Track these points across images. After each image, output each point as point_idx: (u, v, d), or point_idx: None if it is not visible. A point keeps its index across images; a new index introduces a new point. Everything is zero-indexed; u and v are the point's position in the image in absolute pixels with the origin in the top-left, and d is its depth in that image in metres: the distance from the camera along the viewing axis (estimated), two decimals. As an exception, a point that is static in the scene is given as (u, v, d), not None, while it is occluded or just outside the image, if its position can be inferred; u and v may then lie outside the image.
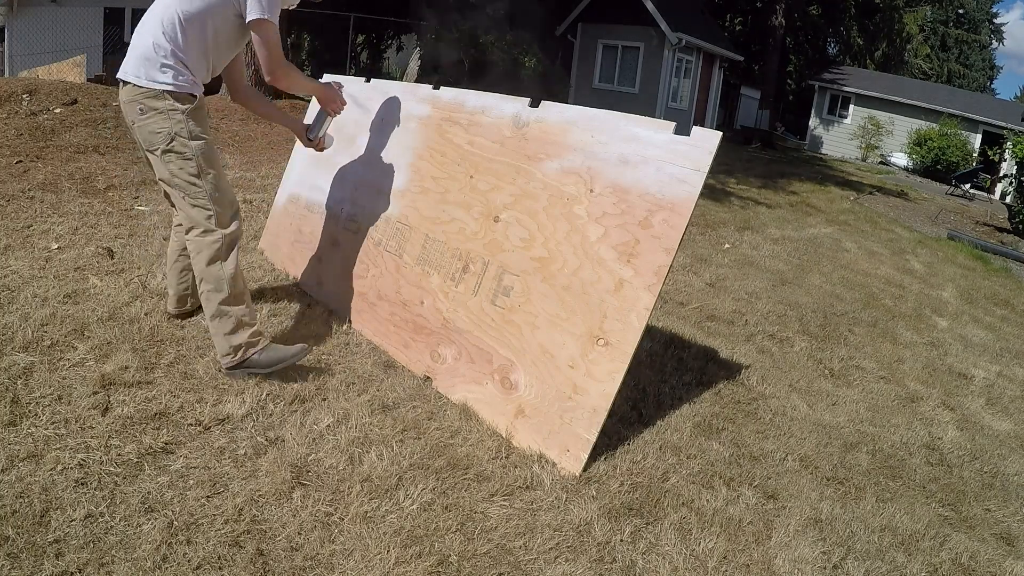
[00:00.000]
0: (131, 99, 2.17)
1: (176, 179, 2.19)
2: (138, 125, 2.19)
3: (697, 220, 6.32)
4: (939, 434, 2.78)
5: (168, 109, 2.14)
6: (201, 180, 2.18)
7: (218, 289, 2.20)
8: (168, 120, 2.14)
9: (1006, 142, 12.92)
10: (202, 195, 2.19)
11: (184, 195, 2.21)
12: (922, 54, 31.65)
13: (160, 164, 2.21)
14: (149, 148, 2.20)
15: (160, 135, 2.15)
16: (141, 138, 2.20)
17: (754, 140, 17.54)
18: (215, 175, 2.23)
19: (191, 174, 2.18)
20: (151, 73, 2.13)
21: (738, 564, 1.72)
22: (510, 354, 2.15)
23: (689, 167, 1.92)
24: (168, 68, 2.13)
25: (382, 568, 1.52)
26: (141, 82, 2.13)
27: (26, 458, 1.69)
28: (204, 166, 2.19)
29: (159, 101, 2.13)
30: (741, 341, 3.40)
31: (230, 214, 2.26)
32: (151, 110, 2.15)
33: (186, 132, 2.16)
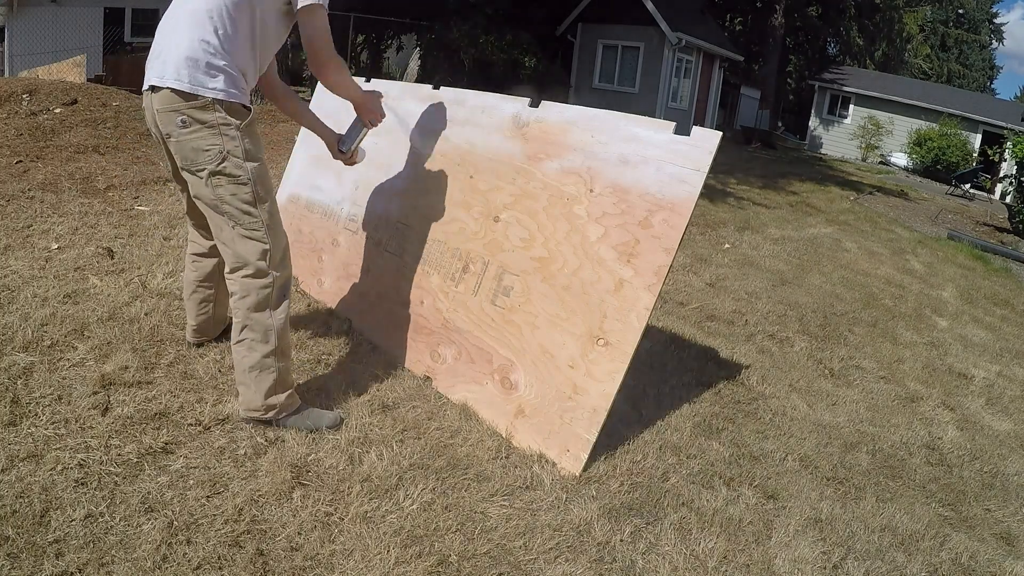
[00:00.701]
0: (169, 107, 1.80)
1: (227, 206, 1.86)
2: (177, 139, 1.83)
3: (697, 220, 6.32)
4: (939, 434, 2.78)
5: (220, 123, 1.80)
6: (258, 209, 1.88)
7: (264, 340, 1.92)
8: (219, 136, 1.81)
9: (1006, 142, 12.92)
10: (258, 226, 1.89)
11: (235, 225, 1.88)
12: (922, 54, 31.67)
13: (204, 186, 1.86)
14: (192, 168, 1.85)
15: (209, 154, 1.82)
16: (180, 155, 1.85)
17: (754, 140, 17.55)
18: (272, 203, 1.93)
19: (245, 201, 1.86)
20: (198, 77, 1.78)
21: (738, 564, 1.72)
22: (510, 354, 2.15)
23: (689, 167, 1.92)
24: (219, 72, 1.79)
25: (382, 568, 1.52)
26: (184, 86, 1.77)
27: (26, 458, 1.69)
28: (262, 193, 1.89)
29: (208, 113, 1.79)
30: (741, 341, 3.40)
31: (283, 252, 1.97)
32: (196, 123, 1.80)
33: (241, 151, 1.84)
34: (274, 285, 1.93)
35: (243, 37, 1.84)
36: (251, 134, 1.88)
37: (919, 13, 27.01)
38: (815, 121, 23.24)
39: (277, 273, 1.94)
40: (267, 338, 1.92)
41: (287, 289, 2.00)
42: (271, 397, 1.94)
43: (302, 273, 3.05)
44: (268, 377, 1.92)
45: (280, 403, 1.95)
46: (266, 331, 1.92)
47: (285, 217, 3.35)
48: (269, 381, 1.92)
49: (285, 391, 1.97)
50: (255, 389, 1.93)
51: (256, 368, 1.92)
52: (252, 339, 1.92)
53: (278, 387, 1.95)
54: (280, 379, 1.95)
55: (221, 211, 1.88)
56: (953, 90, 25.47)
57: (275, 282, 1.93)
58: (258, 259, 1.90)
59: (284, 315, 1.96)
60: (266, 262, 1.91)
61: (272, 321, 1.93)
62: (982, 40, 39.43)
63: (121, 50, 12.68)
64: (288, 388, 1.98)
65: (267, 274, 1.92)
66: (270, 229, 1.92)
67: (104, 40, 12.75)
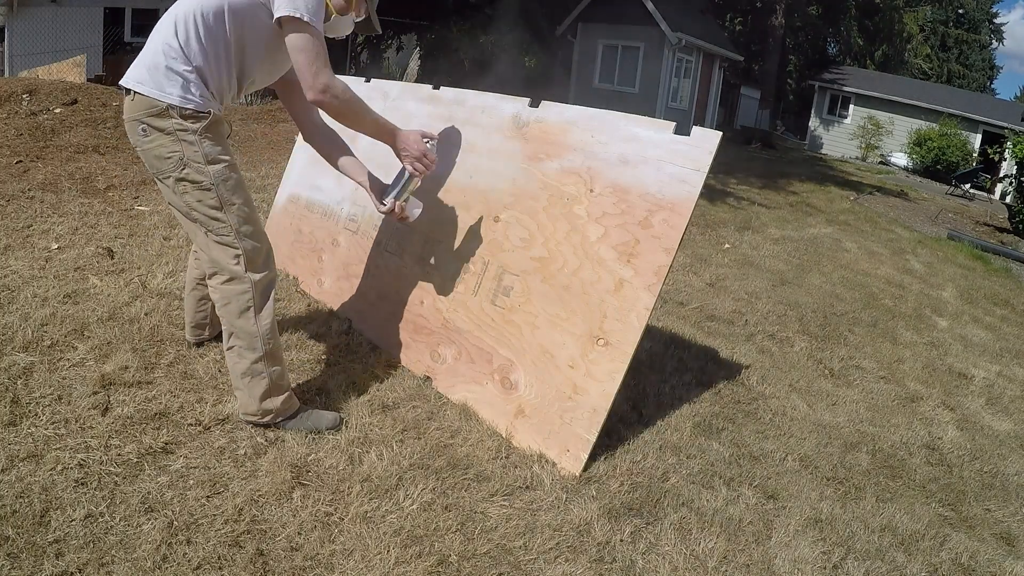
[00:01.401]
0: (132, 115, 1.79)
1: (195, 212, 1.83)
2: (141, 149, 1.82)
3: (697, 220, 6.32)
4: (939, 434, 2.78)
5: (176, 129, 1.76)
6: (224, 213, 1.82)
7: (251, 348, 1.89)
8: (178, 143, 1.77)
9: (1006, 142, 12.92)
10: (226, 231, 1.84)
11: (206, 231, 1.85)
12: (922, 54, 31.67)
13: (172, 194, 1.84)
14: (157, 175, 1.84)
15: (170, 161, 1.79)
16: (147, 163, 1.85)
17: (754, 140, 17.55)
18: (241, 205, 1.86)
19: (211, 206, 1.82)
20: (158, 80, 1.75)
21: (738, 564, 1.72)
22: (510, 354, 2.15)
23: (689, 167, 1.92)
24: (177, 77, 1.74)
25: (382, 568, 1.52)
26: (143, 89, 1.75)
27: (26, 458, 1.69)
28: (227, 196, 1.83)
29: (164, 120, 1.75)
30: (741, 341, 3.40)
31: (263, 254, 1.91)
32: (155, 131, 1.77)
33: (201, 156, 1.79)
34: (254, 290, 1.87)
35: (213, 46, 1.78)
36: (213, 136, 1.81)
37: (919, 13, 27.00)
38: (815, 121, 23.24)
39: (256, 276, 1.88)
40: (253, 345, 1.89)
41: (270, 291, 1.93)
42: (266, 401, 1.92)
43: (302, 273, 3.05)
44: (261, 383, 1.90)
45: (276, 407, 1.93)
46: (251, 337, 1.88)
47: (285, 217, 3.36)
48: (262, 386, 1.91)
49: (281, 394, 1.94)
50: (249, 394, 1.92)
51: (247, 375, 1.90)
52: (240, 346, 1.90)
53: (272, 391, 1.92)
54: (274, 383, 1.92)
55: (192, 218, 1.85)
56: (953, 90, 25.48)
57: (255, 287, 1.87)
58: (232, 264, 1.86)
59: (269, 319, 1.91)
60: (241, 267, 1.86)
61: (257, 327, 1.88)
62: (982, 40, 39.42)
63: (121, 50, 12.68)
64: (284, 391, 1.95)
65: (243, 279, 1.86)
66: (240, 233, 1.85)
67: (104, 40, 12.76)
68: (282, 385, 1.95)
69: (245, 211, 1.87)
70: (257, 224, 1.90)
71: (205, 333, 2.36)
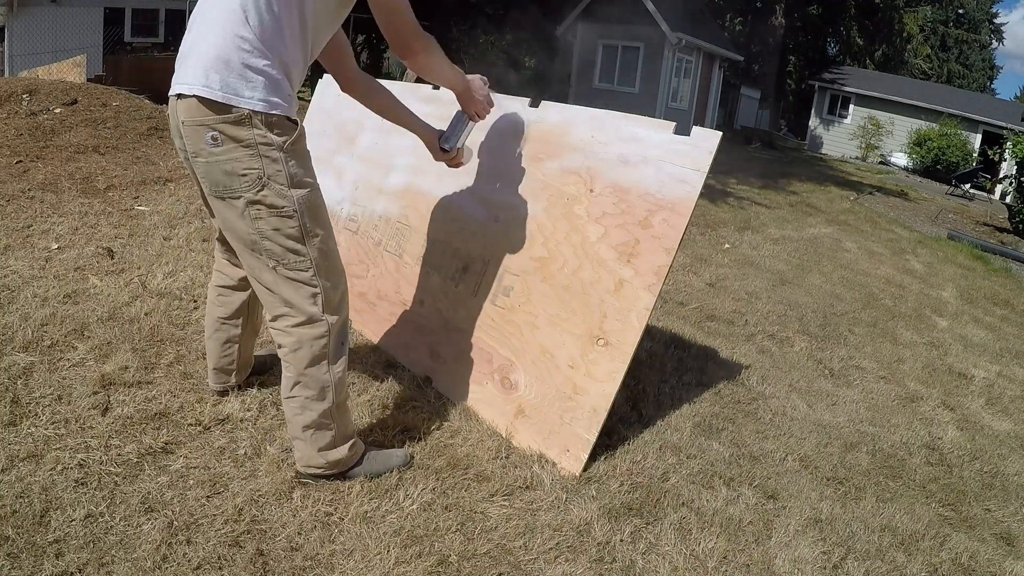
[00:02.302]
0: (197, 120, 1.47)
1: (268, 242, 1.55)
2: (206, 160, 1.50)
3: (697, 220, 6.32)
4: (939, 434, 2.78)
5: (259, 142, 1.47)
6: (307, 246, 1.57)
7: (320, 398, 1.66)
8: (258, 158, 1.48)
9: (1006, 142, 12.92)
10: (306, 266, 1.58)
11: (277, 264, 1.57)
12: (922, 54, 31.67)
13: (237, 218, 1.53)
14: (223, 193, 1.52)
15: (246, 179, 1.49)
16: (209, 179, 1.53)
17: (754, 140, 17.57)
18: (325, 237, 1.61)
19: (291, 237, 1.55)
20: (232, 83, 1.45)
21: (738, 564, 1.72)
22: (510, 354, 2.15)
23: (689, 167, 1.92)
24: (258, 76, 1.46)
25: (382, 568, 1.52)
26: (215, 94, 1.44)
27: (26, 458, 1.69)
28: (311, 226, 1.57)
29: (244, 129, 1.46)
30: (741, 341, 3.40)
31: (339, 293, 1.66)
32: (230, 141, 1.47)
33: (285, 177, 1.51)
34: (330, 333, 1.63)
35: (289, 26, 1.49)
36: (298, 154, 1.55)
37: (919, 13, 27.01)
38: (815, 121, 23.25)
39: (333, 319, 1.63)
40: (324, 396, 1.66)
41: (345, 335, 1.70)
42: (331, 452, 1.71)
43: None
44: (326, 436, 1.69)
45: (343, 457, 1.73)
46: (323, 388, 1.65)
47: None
48: (327, 439, 1.70)
49: (347, 442, 1.74)
50: (312, 446, 1.70)
51: (312, 427, 1.68)
52: (306, 397, 1.65)
53: (338, 441, 1.72)
54: (339, 433, 1.71)
55: (259, 248, 1.56)
56: (953, 90, 25.49)
57: (331, 329, 1.63)
58: (309, 304, 1.60)
59: (343, 367, 1.68)
60: (319, 307, 1.61)
61: (330, 376, 1.65)
62: (982, 40, 39.44)
63: (121, 50, 12.70)
64: (349, 439, 1.75)
65: (321, 321, 1.61)
66: (321, 269, 1.60)
67: (104, 40, 12.76)
68: (348, 432, 1.76)
69: (328, 243, 1.63)
70: (337, 258, 1.67)
71: (232, 380, 2.06)
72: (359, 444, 1.80)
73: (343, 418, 1.73)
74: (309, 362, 1.63)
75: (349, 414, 1.78)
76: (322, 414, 1.67)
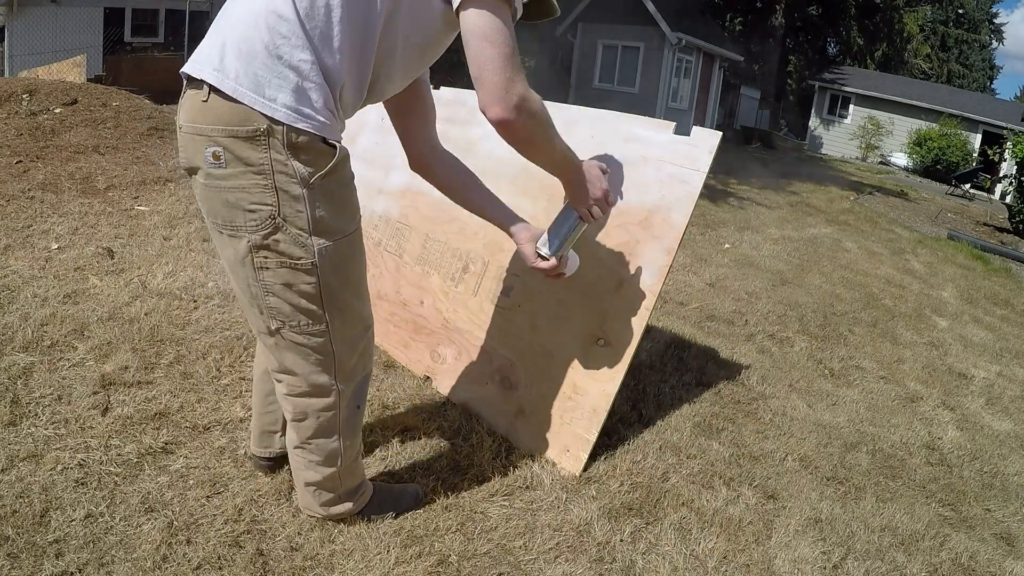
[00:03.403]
0: (197, 127, 1.12)
1: (273, 298, 1.21)
2: (204, 182, 1.15)
3: (697, 220, 6.32)
4: (939, 434, 2.78)
5: (277, 168, 1.10)
6: (325, 309, 1.24)
7: (329, 464, 1.45)
8: (272, 192, 1.12)
9: (1006, 142, 12.92)
10: (321, 332, 1.26)
11: (281, 326, 1.25)
12: (922, 54, 31.65)
13: (237, 262, 1.20)
14: (221, 228, 1.18)
15: (253, 216, 1.13)
16: (207, 205, 1.19)
17: (754, 140, 17.56)
18: (351, 295, 1.28)
19: (304, 295, 1.21)
20: (253, 73, 1.08)
21: (738, 564, 1.72)
22: (510, 354, 2.15)
23: (689, 167, 1.92)
24: (290, 72, 1.09)
25: (382, 568, 1.51)
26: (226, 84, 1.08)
27: (26, 458, 1.69)
28: (335, 285, 1.23)
29: (257, 149, 1.09)
30: (741, 341, 3.40)
31: (356, 353, 1.35)
32: (238, 162, 1.10)
33: (306, 220, 1.15)
34: (340, 404, 1.36)
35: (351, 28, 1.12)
36: (330, 191, 1.16)
37: (919, 13, 27.02)
38: (815, 121, 23.25)
39: (346, 386, 1.35)
40: (332, 462, 1.44)
41: (362, 394, 1.44)
42: (334, 508, 1.55)
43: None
44: (329, 494, 1.52)
45: (345, 511, 1.56)
46: (331, 454, 1.43)
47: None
48: (329, 497, 1.53)
49: (352, 498, 1.56)
50: (316, 501, 1.54)
51: (314, 486, 1.50)
52: (313, 461, 1.45)
53: (343, 498, 1.54)
54: (346, 489, 1.52)
55: (261, 304, 1.23)
56: (953, 90, 25.49)
57: (341, 399, 1.35)
58: (316, 374, 1.31)
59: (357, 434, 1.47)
60: (329, 376, 1.32)
61: (339, 444, 1.42)
62: (982, 40, 39.43)
63: (121, 50, 12.69)
64: (356, 493, 1.55)
65: (330, 389, 1.33)
66: (339, 332, 1.28)
67: (104, 40, 12.76)
68: (354, 487, 1.55)
69: (353, 304, 1.29)
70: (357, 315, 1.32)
71: (276, 446, 1.71)
72: (366, 493, 1.60)
73: (352, 475, 1.52)
74: (314, 433, 1.39)
75: (360, 466, 1.57)
76: (328, 477, 1.48)
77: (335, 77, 1.13)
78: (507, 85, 1.16)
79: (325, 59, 1.11)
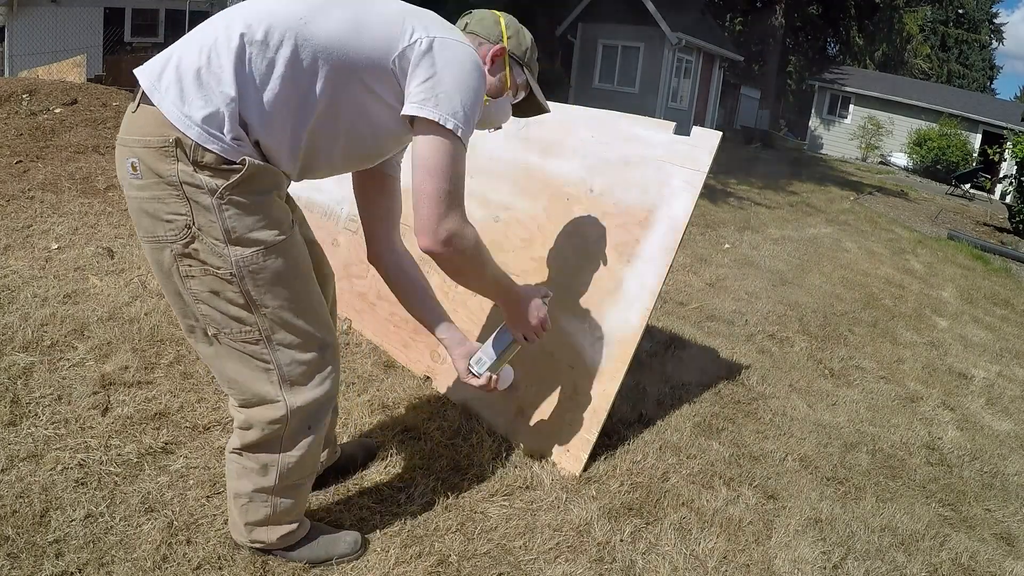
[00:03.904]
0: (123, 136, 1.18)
1: (203, 306, 1.23)
2: (127, 193, 1.20)
3: (697, 220, 6.32)
4: (939, 434, 2.78)
5: (184, 179, 1.14)
6: (254, 315, 1.23)
7: (261, 473, 1.36)
8: (185, 201, 1.15)
9: (1006, 142, 12.92)
10: (254, 337, 1.25)
11: (217, 332, 1.25)
12: (922, 54, 31.68)
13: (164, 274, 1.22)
14: (147, 237, 1.20)
15: (171, 226, 1.17)
16: (133, 216, 1.22)
17: (754, 140, 17.56)
18: (281, 306, 1.25)
19: (232, 302, 1.22)
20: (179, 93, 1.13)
21: (738, 564, 1.72)
22: (510, 354, 2.15)
23: (689, 167, 1.92)
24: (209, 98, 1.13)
25: (382, 568, 1.51)
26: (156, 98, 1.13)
27: (26, 458, 1.69)
28: (256, 294, 1.22)
29: (166, 161, 1.13)
30: (741, 341, 3.40)
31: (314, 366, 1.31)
32: (151, 174, 1.15)
33: (219, 230, 1.17)
34: (288, 420, 1.30)
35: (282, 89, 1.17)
36: (240, 203, 1.17)
37: (919, 13, 27.06)
38: (815, 121, 23.25)
39: (299, 399, 1.30)
40: (265, 472, 1.35)
41: (317, 419, 1.35)
42: (256, 531, 1.42)
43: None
44: (258, 511, 1.40)
45: (269, 541, 1.43)
46: (264, 467, 1.35)
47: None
48: (259, 515, 1.40)
49: (282, 526, 1.43)
50: (239, 515, 1.42)
51: (243, 498, 1.39)
52: (245, 467, 1.37)
53: (271, 521, 1.41)
54: (276, 515, 1.41)
55: (193, 312, 1.25)
56: (953, 90, 25.48)
57: (292, 414, 1.30)
58: (261, 383, 1.28)
59: (301, 452, 1.35)
60: (275, 385, 1.28)
61: (278, 459, 1.34)
62: (982, 40, 39.44)
63: (121, 50, 12.70)
64: (288, 523, 1.44)
65: (277, 403, 1.29)
66: (273, 342, 1.26)
67: (104, 40, 12.77)
68: (289, 516, 1.43)
69: (283, 315, 1.26)
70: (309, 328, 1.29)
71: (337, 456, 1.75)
72: (300, 531, 1.47)
73: (286, 501, 1.40)
74: (255, 443, 1.33)
75: (301, 497, 1.44)
76: (259, 489, 1.37)
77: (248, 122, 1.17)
78: (439, 221, 1.26)
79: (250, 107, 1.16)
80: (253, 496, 1.38)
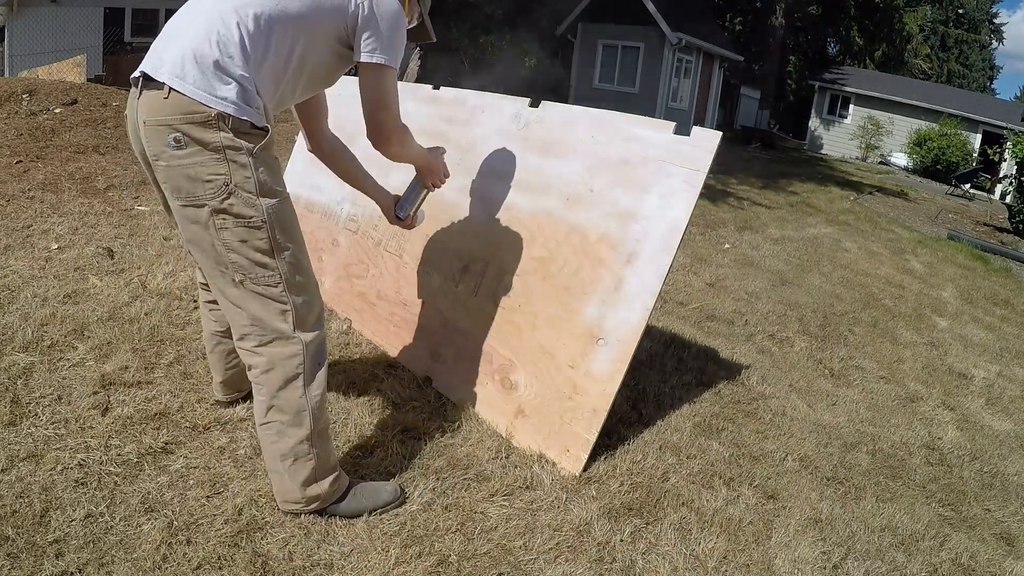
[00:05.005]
0: (160, 120, 1.38)
1: (234, 255, 1.45)
2: (167, 164, 1.40)
3: (697, 220, 6.32)
4: (939, 434, 2.78)
5: (226, 146, 1.39)
6: (276, 259, 1.48)
7: (297, 424, 1.54)
8: (224, 163, 1.40)
9: (1006, 142, 12.92)
10: (275, 280, 1.48)
11: (244, 278, 1.47)
12: (922, 54, 31.65)
13: (201, 228, 1.44)
14: (185, 200, 1.43)
15: (211, 185, 1.40)
16: (171, 183, 1.43)
17: (754, 140, 17.55)
18: (295, 250, 1.52)
19: (259, 250, 1.46)
20: (206, 79, 1.38)
21: (738, 564, 1.72)
22: (510, 354, 2.15)
23: (689, 167, 1.92)
24: (232, 80, 1.39)
25: (382, 568, 1.52)
26: (186, 88, 1.36)
27: (26, 458, 1.69)
28: (280, 238, 1.47)
29: (210, 131, 1.37)
30: (741, 341, 3.40)
31: (315, 312, 1.57)
32: (195, 143, 1.38)
33: (254, 184, 1.42)
34: (305, 353, 1.53)
35: (271, 58, 1.47)
36: (267, 161, 1.47)
37: (919, 13, 27.02)
38: (815, 121, 23.23)
39: (308, 336, 1.53)
40: (300, 421, 1.54)
41: (323, 355, 1.59)
42: (311, 487, 1.59)
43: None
44: (306, 465, 1.56)
45: (324, 492, 1.60)
46: (299, 412, 1.54)
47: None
48: (307, 470, 1.57)
49: (328, 476, 1.61)
50: (291, 480, 1.57)
51: (289, 456, 1.55)
52: (282, 422, 1.54)
53: (319, 473, 1.58)
54: (320, 465, 1.58)
55: (224, 261, 1.46)
56: (953, 90, 25.47)
57: (306, 349, 1.53)
58: (279, 321, 1.50)
59: (321, 390, 1.57)
60: (289, 324, 1.50)
61: (306, 400, 1.53)
62: (982, 40, 39.42)
63: (121, 50, 12.69)
64: (331, 472, 1.62)
65: (293, 338, 1.51)
66: (292, 284, 1.50)
67: (104, 40, 12.76)
68: (329, 464, 1.62)
69: (298, 257, 1.52)
70: (311, 274, 1.57)
71: (239, 389, 2.03)
72: (343, 478, 1.66)
73: (324, 448, 1.60)
74: (282, 384, 1.52)
75: (331, 444, 1.65)
76: (300, 441, 1.54)
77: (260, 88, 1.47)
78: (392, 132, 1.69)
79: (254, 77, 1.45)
80: (297, 451, 1.55)
